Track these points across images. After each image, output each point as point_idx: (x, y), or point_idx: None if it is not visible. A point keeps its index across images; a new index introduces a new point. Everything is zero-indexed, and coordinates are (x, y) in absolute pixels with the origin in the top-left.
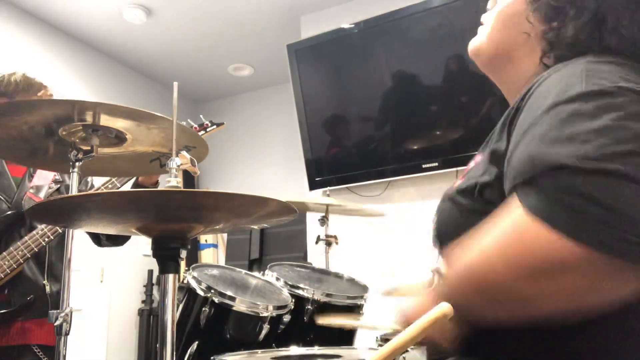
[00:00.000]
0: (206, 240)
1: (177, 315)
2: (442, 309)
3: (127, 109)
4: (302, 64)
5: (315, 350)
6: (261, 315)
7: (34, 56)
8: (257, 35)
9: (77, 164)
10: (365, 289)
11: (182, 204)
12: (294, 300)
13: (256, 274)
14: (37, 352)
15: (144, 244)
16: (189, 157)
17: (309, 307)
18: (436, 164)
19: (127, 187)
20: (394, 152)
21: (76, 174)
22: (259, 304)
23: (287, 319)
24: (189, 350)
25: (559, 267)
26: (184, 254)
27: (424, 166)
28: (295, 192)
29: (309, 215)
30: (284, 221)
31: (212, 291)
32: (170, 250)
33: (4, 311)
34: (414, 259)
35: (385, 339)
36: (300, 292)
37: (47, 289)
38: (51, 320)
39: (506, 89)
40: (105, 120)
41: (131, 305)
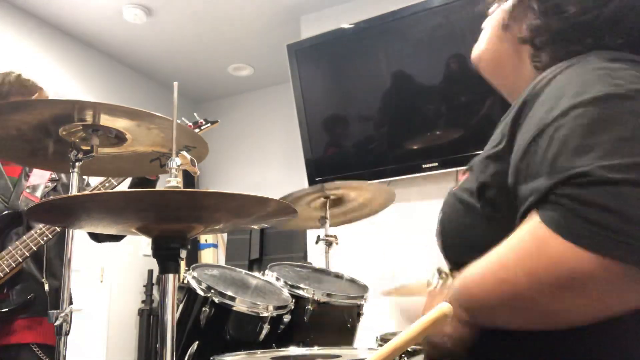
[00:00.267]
0: (206, 240)
1: (177, 315)
2: (442, 309)
3: (127, 108)
4: (302, 64)
5: (315, 350)
6: (261, 315)
7: (34, 56)
8: (257, 35)
9: (77, 164)
10: (365, 289)
11: (182, 204)
12: (294, 300)
13: (256, 274)
14: (36, 351)
15: (144, 244)
16: (189, 157)
17: (309, 307)
18: (436, 164)
19: (123, 186)
20: (393, 152)
21: (76, 174)
22: (259, 304)
23: (287, 319)
24: (189, 350)
25: (583, 281)
26: (184, 254)
27: (423, 166)
28: None
29: None
30: (284, 221)
31: (212, 291)
32: (170, 250)
33: (4, 310)
34: (414, 259)
35: (385, 339)
36: (300, 292)
37: (45, 287)
38: (51, 320)
39: (507, 93)
40: (105, 120)
41: (131, 305)
